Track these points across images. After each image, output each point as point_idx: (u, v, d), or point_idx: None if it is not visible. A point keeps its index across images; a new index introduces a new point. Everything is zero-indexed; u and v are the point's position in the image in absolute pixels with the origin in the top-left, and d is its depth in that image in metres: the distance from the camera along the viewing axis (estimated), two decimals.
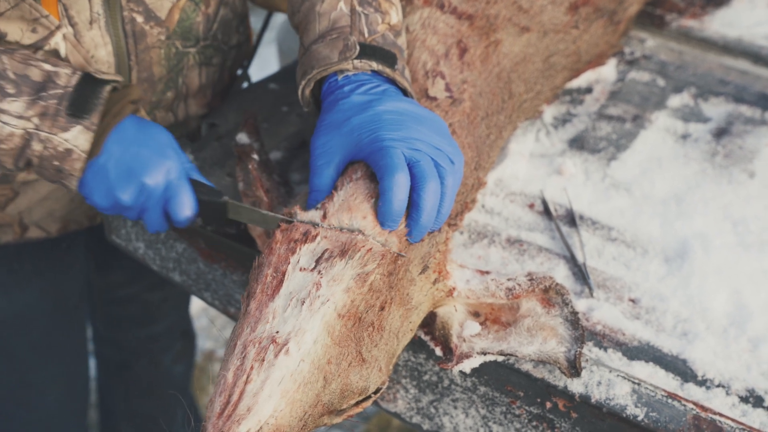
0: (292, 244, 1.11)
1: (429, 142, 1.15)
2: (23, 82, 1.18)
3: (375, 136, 1.15)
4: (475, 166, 1.35)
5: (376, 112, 1.17)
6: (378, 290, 1.09)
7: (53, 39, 1.29)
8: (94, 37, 1.33)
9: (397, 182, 1.12)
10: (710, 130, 1.57)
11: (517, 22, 1.46)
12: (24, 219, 1.51)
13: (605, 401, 1.18)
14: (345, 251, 1.09)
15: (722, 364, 1.23)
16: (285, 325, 1.04)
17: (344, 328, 1.06)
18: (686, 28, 1.77)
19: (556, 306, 1.20)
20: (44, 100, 1.17)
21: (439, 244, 1.22)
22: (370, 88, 1.21)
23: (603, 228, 1.41)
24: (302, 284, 1.07)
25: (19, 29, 1.27)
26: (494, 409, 1.27)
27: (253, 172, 1.32)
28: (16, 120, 1.17)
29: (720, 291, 1.31)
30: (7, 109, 1.16)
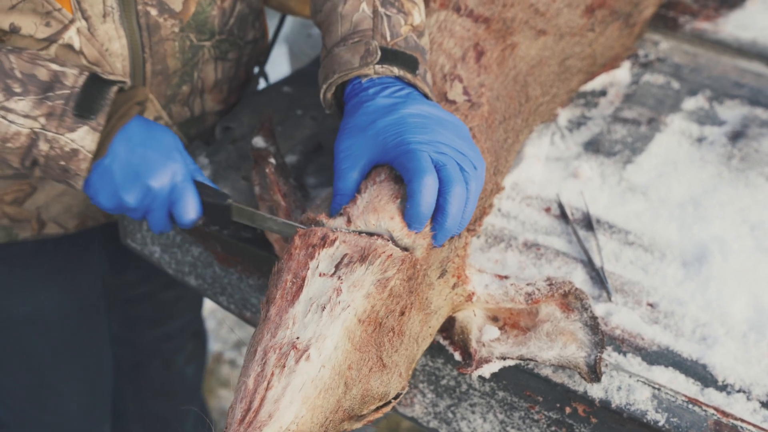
0: (311, 249, 1.11)
1: (453, 147, 1.15)
2: (30, 82, 1.18)
3: (401, 139, 1.15)
4: (494, 171, 1.34)
5: (402, 115, 1.17)
6: (398, 295, 1.09)
7: (67, 33, 1.29)
8: (108, 30, 1.32)
9: (426, 184, 1.12)
10: (726, 133, 1.57)
11: (534, 25, 1.46)
12: (42, 215, 1.51)
13: (625, 406, 1.18)
14: (365, 257, 1.09)
15: (742, 369, 1.22)
16: (305, 330, 1.04)
17: (365, 333, 1.06)
18: (700, 31, 1.77)
19: (576, 311, 1.20)
20: (51, 100, 1.18)
21: (458, 248, 1.22)
22: (395, 90, 1.21)
23: (620, 232, 1.41)
24: (322, 290, 1.07)
25: (32, 23, 1.27)
26: (513, 414, 1.27)
27: (270, 175, 1.32)
28: (23, 119, 1.17)
29: (739, 295, 1.30)
30: (14, 108, 1.17)
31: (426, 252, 1.13)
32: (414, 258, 1.12)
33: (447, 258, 1.19)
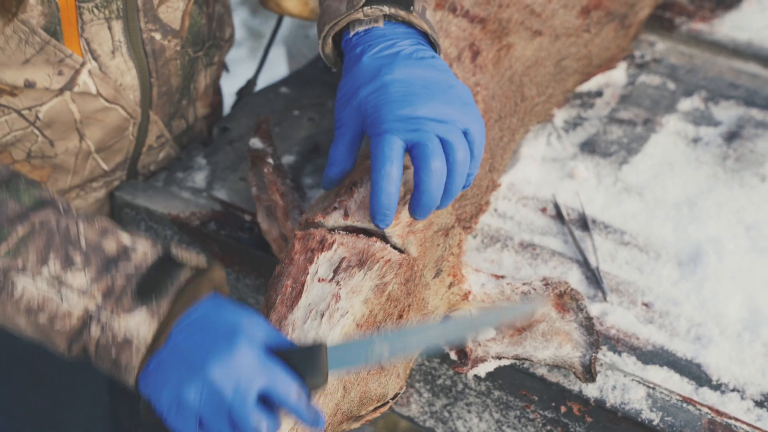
0: (310, 253, 1.11)
1: (435, 117, 1.09)
2: (94, 253, 1.04)
3: (377, 116, 1.09)
4: (489, 168, 1.35)
5: (383, 82, 1.11)
6: (396, 299, 1.10)
7: (80, 78, 1.26)
8: (119, 65, 1.30)
9: (385, 174, 1.07)
10: (721, 134, 1.58)
11: (530, 26, 1.46)
12: None
13: (620, 406, 1.19)
14: (363, 261, 1.09)
15: (737, 368, 1.23)
16: (305, 338, 1.05)
17: None
18: (696, 32, 1.77)
19: (571, 311, 1.20)
20: (112, 276, 1.03)
21: (453, 247, 1.22)
22: (382, 48, 1.14)
23: (616, 232, 1.41)
24: (321, 296, 1.07)
25: (46, 75, 1.23)
26: (508, 414, 1.27)
27: (268, 176, 1.33)
28: (77, 296, 1.02)
29: (734, 295, 1.31)
30: (70, 282, 1.03)
31: (420, 250, 1.14)
32: (411, 260, 1.12)
33: (442, 257, 1.19)
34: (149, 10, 1.29)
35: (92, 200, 1.46)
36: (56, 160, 1.35)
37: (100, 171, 1.41)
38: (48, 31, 1.19)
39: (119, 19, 1.26)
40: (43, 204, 1.09)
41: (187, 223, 1.43)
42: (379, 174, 1.08)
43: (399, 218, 1.14)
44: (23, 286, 1.03)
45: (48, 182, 1.37)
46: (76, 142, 1.35)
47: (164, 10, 1.32)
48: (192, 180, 1.50)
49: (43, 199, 1.10)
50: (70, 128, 1.32)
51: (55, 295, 1.03)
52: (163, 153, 1.50)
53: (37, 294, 1.03)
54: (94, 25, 1.24)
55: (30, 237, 1.05)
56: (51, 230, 1.06)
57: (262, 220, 1.35)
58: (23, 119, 1.28)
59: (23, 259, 1.04)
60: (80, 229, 1.07)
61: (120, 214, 1.49)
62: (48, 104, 1.27)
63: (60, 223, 1.07)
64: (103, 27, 1.25)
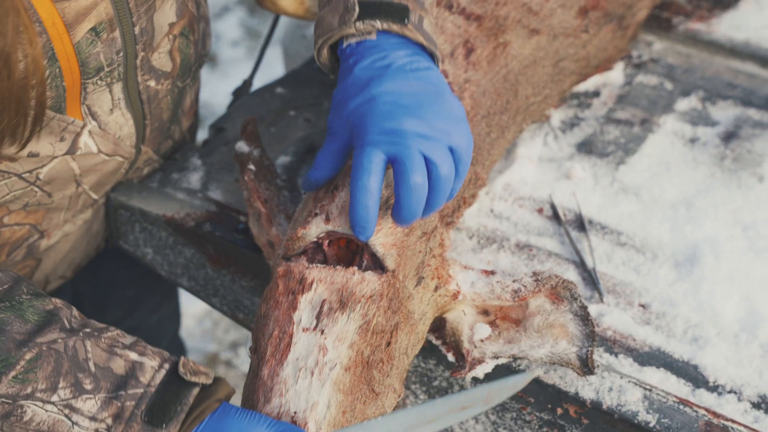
0: (292, 296, 1.10)
1: (420, 132, 1.08)
2: (103, 377, 1.06)
3: (362, 128, 1.09)
4: (473, 161, 1.34)
5: (371, 96, 1.10)
6: (381, 330, 1.09)
7: (81, 140, 1.24)
8: (117, 119, 1.28)
9: (362, 187, 1.07)
10: (718, 134, 1.57)
11: (527, 25, 1.46)
12: (49, 278, 1.50)
13: (616, 407, 1.18)
14: (345, 303, 1.08)
15: (734, 369, 1.22)
16: (299, 400, 1.04)
17: (353, 376, 1.07)
18: (693, 31, 1.77)
19: (565, 301, 1.19)
20: (121, 399, 1.05)
21: (434, 249, 1.21)
22: (375, 60, 1.13)
23: (612, 233, 1.41)
24: (308, 348, 1.07)
25: (49, 144, 1.21)
26: (504, 415, 1.27)
27: (249, 183, 1.31)
28: (88, 422, 1.04)
29: (731, 296, 1.30)
30: (80, 409, 1.04)
31: (400, 261, 1.13)
32: (391, 278, 1.11)
33: (422, 263, 1.18)
34: (145, 64, 1.27)
35: (80, 222, 1.46)
36: (52, 205, 1.34)
37: (90, 201, 1.42)
38: (53, 109, 1.17)
39: (119, 81, 1.24)
40: (48, 320, 1.08)
41: (182, 225, 1.42)
42: (356, 186, 1.08)
43: (381, 224, 1.13)
44: (33, 411, 1.04)
45: (43, 222, 1.36)
46: (73, 190, 1.34)
47: (156, 57, 1.29)
48: (187, 181, 1.50)
49: (47, 313, 1.09)
50: (69, 181, 1.31)
51: (65, 418, 1.04)
52: (147, 169, 1.50)
53: (47, 418, 1.04)
54: (96, 92, 1.22)
55: (38, 362, 1.04)
56: (59, 354, 1.06)
57: (253, 226, 1.35)
58: (23, 181, 1.25)
59: (32, 385, 1.04)
60: (88, 348, 1.07)
61: (115, 215, 1.48)
62: (49, 165, 1.25)
63: (67, 344, 1.06)
64: (104, 92, 1.23)
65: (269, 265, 1.32)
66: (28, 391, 1.03)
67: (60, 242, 1.45)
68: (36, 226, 1.36)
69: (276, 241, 1.27)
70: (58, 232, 1.42)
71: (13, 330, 1.05)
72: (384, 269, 1.12)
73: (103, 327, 1.11)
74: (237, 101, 1.68)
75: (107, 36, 1.16)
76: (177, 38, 1.32)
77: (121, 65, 1.22)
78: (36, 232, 1.37)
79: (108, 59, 1.19)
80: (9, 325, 1.06)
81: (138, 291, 1.81)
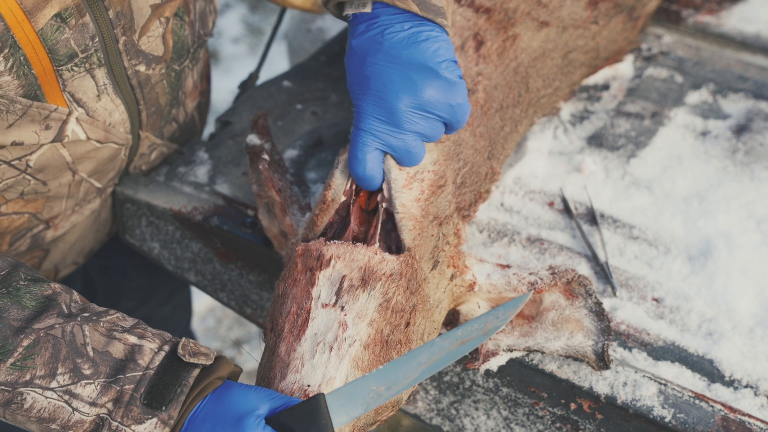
0: (310, 273, 1.09)
1: (412, 113, 1.11)
2: (102, 361, 1.05)
3: (358, 108, 1.13)
4: (488, 156, 1.33)
5: (365, 75, 1.12)
6: (401, 309, 1.09)
7: (68, 127, 1.22)
8: (106, 105, 1.26)
9: (362, 178, 1.13)
10: (730, 127, 1.55)
11: (536, 17, 1.44)
12: (58, 267, 1.49)
13: (631, 402, 1.17)
14: (365, 281, 1.08)
15: (749, 364, 1.21)
16: (314, 374, 1.03)
17: (372, 355, 1.06)
18: (703, 24, 1.75)
19: (580, 297, 1.18)
20: (120, 383, 1.04)
21: (448, 236, 1.20)
22: (369, 35, 1.14)
23: (624, 226, 1.39)
24: (327, 324, 1.06)
25: (33, 133, 1.19)
26: (517, 411, 1.25)
27: (264, 172, 1.30)
28: (88, 407, 1.04)
29: (745, 290, 1.29)
30: (80, 394, 1.04)
31: (416, 241, 1.12)
32: (410, 258, 1.10)
33: (437, 247, 1.17)
34: (131, 48, 1.25)
35: (88, 212, 1.44)
36: (50, 194, 1.32)
37: (93, 189, 1.40)
38: (28, 96, 1.15)
39: (101, 66, 1.22)
40: (46, 306, 1.07)
41: (189, 218, 1.40)
42: (355, 176, 1.14)
43: None
44: (33, 398, 1.04)
45: (43, 211, 1.34)
46: (69, 177, 1.32)
47: (145, 41, 1.27)
48: (194, 174, 1.48)
49: (45, 298, 1.08)
50: (62, 169, 1.29)
51: (65, 404, 1.04)
52: (155, 154, 1.48)
53: (48, 404, 1.04)
54: (76, 79, 1.19)
55: (36, 348, 1.04)
56: (56, 339, 1.05)
57: (263, 217, 1.33)
58: (14, 169, 1.23)
59: (31, 372, 1.03)
60: (86, 333, 1.06)
61: (121, 209, 1.47)
62: (38, 153, 1.23)
63: (65, 330, 1.06)
64: (85, 78, 1.21)
65: (279, 258, 1.31)
66: (26, 378, 1.03)
67: (68, 233, 1.43)
68: (36, 215, 1.34)
69: (289, 230, 1.26)
70: (65, 223, 1.40)
71: (10, 317, 1.05)
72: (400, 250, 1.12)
73: (103, 311, 1.10)
74: (243, 94, 1.67)
75: (76, 22, 1.14)
76: (170, 20, 1.30)
77: (99, 50, 1.20)
78: (38, 221, 1.35)
79: (81, 45, 1.17)
80: (6, 312, 1.05)
81: (150, 280, 1.81)
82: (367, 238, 1.14)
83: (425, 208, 1.15)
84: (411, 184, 1.14)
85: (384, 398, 1.04)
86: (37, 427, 1.05)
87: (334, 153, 1.49)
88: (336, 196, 1.15)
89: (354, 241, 1.14)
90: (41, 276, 1.13)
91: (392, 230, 1.15)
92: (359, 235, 1.16)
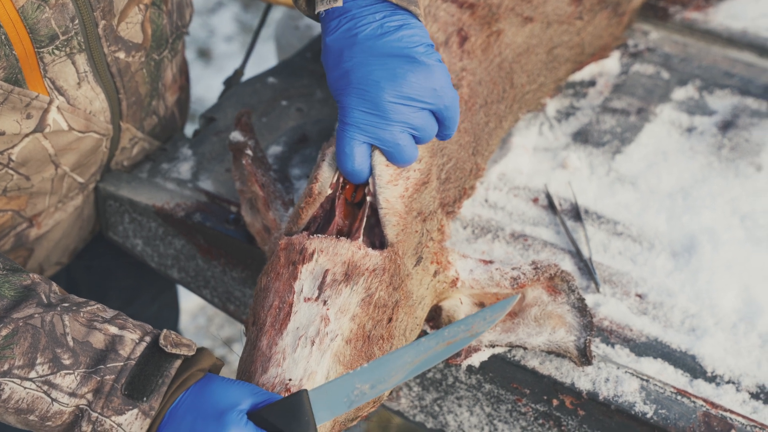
0: (293, 267, 1.09)
1: (397, 105, 1.10)
2: (82, 351, 1.04)
3: (342, 105, 1.12)
4: (473, 152, 1.32)
5: (344, 70, 1.11)
6: (383, 305, 1.08)
7: (49, 116, 1.21)
8: (86, 93, 1.25)
9: (350, 173, 1.12)
10: (716, 123, 1.55)
11: (520, 12, 1.44)
12: (43, 266, 1.48)
13: (613, 398, 1.16)
14: (349, 276, 1.07)
15: (732, 360, 1.21)
16: (296, 368, 1.03)
17: (354, 350, 1.05)
18: (690, 21, 1.75)
19: (563, 293, 1.18)
20: (101, 373, 1.03)
21: (432, 232, 1.19)
22: (343, 29, 1.13)
23: (608, 222, 1.39)
24: (309, 318, 1.05)
25: (14, 122, 1.18)
26: (499, 407, 1.25)
27: (247, 166, 1.30)
28: (68, 398, 1.03)
29: (729, 286, 1.29)
30: (60, 384, 1.03)
31: (400, 236, 1.12)
32: (393, 253, 1.10)
33: (420, 243, 1.17)
34: (110, 33, 1.24)
35: (71, 209, 1.43)
36: (33, 189, 1.32)
37: (76, 185, 1.39)
38: (9, 81, 1.14)
39: (82, 52, 1.21)
40: (25, 295, 1.06)
41: (171, 215, 1.40)
42: (343, 170, 1.13)
43: None
44: (11, 388, 1.02)
45: (27, 208, 1.34)
46: (52, 171, 1.31)
47: (124, 27, 1.27)
48: (177, 171, 1.47)
49: (24, 288, 1.07)
50: (45, 162, 1.28)
51: (44, 395, 1.03)
52: (136, 149, 1.47)
53: (26, 395, 1.03)
54: (57, 64, 1.19)
55: (14, 338, 1.03)
56: (36, 329, 1.04)
57: (246, 213, 1.33)
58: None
59: (9, 362, 1.02)
60: (66, 323, 1.05)
61: (104, 206, 1.46)
62: (20, 145, 1.22)
63: (44, 320, 1.04)
64: (66, 64, 1.20)
65: (262, 254, 1.30)
66: (5, 368, 1.02)
67: (51, 231, 1.42)
68: (20, 212, 1.33)
69: (273, 225, 1.25)
70: (49, 221, 1.39)
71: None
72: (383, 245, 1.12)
73: (83, 301, 1.09)
74: (228, 91, 1.66)
75: (56, 1, 1.13)
76: (149, 8, 1.30)
77: (79, 34, 1.19)
78: (22, 219, 1.35)
79: (61, 26, 1.16)
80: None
81: (136, 280, 1.80)
82: (351, 232, 1.14)
83: (409, 204, 1.15)
84: (396, 180, 1.14)
85: (368, 396, 1.04)
86: (15, 418, 1.04)
87: (319, 149, 1.48)
88: (323, 189, 1.14)
89: (338, 235, 1.13)
90: (20, 266, 1.12)
91: (375, 225, 1.15)
92: (343, 229, 1.15)
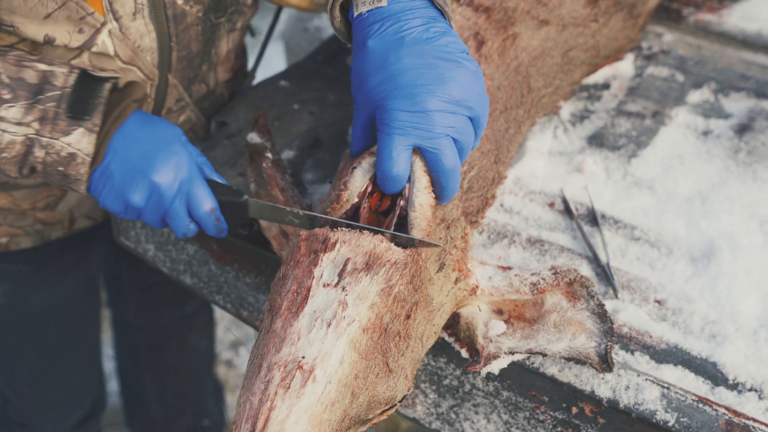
0: (313, 255, 1.08)
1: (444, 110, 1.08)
2: (19, 86, 1.13)
3: (385, 110, 1.09)
4: (495, 160, 1.31)
5: (390, 74, 1.09)
6: (403, 300, 1.06)
7: (99, 37, 1.26)
8: (139, 27, 1.29)
9: (391, 178, 1.10)
10: (732, 126, 1.54)
11: (536, 15, 1.42)
12: (74, 213, 1.51)
13: (634, 406, 1.15)
14: (370, 266, 1.06)
15: (753, 367, 1.19)
16: (310, 348, 1.01)
17: (370, 340, 1.03)
18: (704, 23, 1.74)
19: (582, 299, 1.16)
20: (42, 103, 1.12)
21: (455, 240, 1.18)
22: (389, 31, 1.11)
23: (626, 227, 1.37)
24: (327, 302, 1.04)
25: (66, 32, 1.23)
26: (517, 415, 1.24)
27: (267, 170, 1.29)
28: (16, 127, 1.12)
29: (749, 292, 1.27)
30: (5, 116, 1.12)
31: (428, 225, 1.11)
32: (416, 254, 1.09)
33: (444, 250, 1.15)
34: None
35: None
36: None
37: None
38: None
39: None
40: None
41: None
42: (385, 176, 1.10)
43: None
44: None
45: None
46: None
47: None
48: None
49: None
50: None
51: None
52: (183, 116, 1.49)
53: None
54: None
55: None
56: None
57: None
58: None
59: None
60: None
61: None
62: None
63: None
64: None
65: (276, 260, 1.29)
66: None
67: None
68: None
69: (291, 230, 1.24)
70: None
71: None
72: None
73: (7, 47, 1.18)
74: (239, 94, 1.65)
75: None
76: None
77: None
78: None
79: None
80: None
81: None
82: None
83: (435, 211, 1.14)
84: (431, 187, 1.13)
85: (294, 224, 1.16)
86: None
87: (332, 153, 1.47)
88: (351, 197, 1.13)
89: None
90: None
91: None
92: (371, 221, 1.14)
